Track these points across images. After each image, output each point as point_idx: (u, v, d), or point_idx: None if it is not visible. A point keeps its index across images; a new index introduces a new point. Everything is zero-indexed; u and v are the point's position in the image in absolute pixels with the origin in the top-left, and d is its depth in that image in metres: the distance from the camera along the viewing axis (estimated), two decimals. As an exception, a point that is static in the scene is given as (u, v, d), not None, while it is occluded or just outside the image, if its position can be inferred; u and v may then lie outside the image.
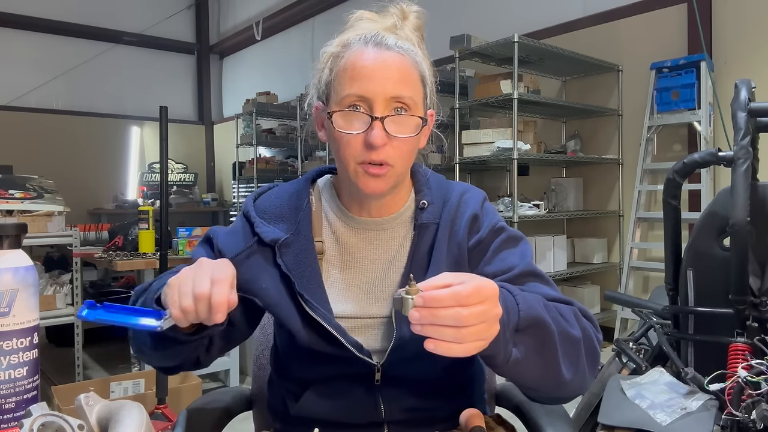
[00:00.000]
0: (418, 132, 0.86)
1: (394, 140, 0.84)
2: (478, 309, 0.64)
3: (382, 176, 0.85)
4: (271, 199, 0.96)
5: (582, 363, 0.80)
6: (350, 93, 0.84)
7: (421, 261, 0.91)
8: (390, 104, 0.84)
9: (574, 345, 0.78)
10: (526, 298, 0.74)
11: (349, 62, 0.85)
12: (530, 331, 0.73)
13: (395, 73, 0.84)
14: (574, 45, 4.00)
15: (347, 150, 0.85)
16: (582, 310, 0.85)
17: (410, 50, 0.87)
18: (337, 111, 0.85)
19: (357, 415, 0.89)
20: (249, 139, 6.32)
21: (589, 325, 0.83)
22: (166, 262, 2.54)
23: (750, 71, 3.41)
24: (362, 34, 0.86)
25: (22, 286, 0.68)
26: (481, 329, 0.65)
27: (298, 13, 6.93)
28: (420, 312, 0.64)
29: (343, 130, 0.85)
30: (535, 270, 0.89)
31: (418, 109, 0.86)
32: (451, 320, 0.64)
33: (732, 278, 1.49)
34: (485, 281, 0.67)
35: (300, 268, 0.89)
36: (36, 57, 7.14)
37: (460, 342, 0.65)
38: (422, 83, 0.88)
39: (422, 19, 0.92)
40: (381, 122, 0.83)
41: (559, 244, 3.92)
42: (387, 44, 0.85)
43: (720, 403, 1.42)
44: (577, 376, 0.79)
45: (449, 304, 0.64)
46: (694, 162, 1.66)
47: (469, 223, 0.92)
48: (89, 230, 4.16)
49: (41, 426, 0.55)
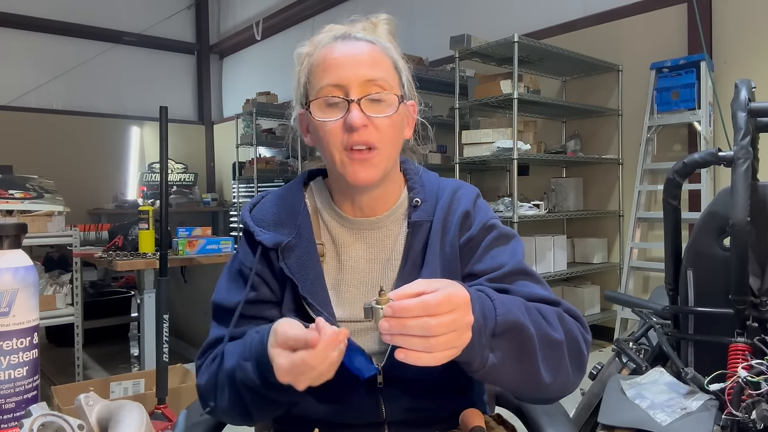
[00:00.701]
0: (396, 110, 0.87)
1: (375, 121, 0.85)
2: (447, 318, 0.65)
3: (369, 161, 0.85)
4: (266, 207, 0.96)
5: (564, 366, 0.79)
6: (324, 84, 0.85)
7: (416, 259, 0.90)
8: (365, 87, 0.85)
9: (556, 348, 0.78)
10: (504, 302, 0.74)
11: (320, 57, 0.87)
12: (507, 336, 0.73)
13: (366, 58, 0.86)
14: (574, 45, 4.00)
15: (330, 139, 0.86)
16: (569, 310, 0.85)
17: (379, 41, 0.89)
18: (313, 100, 0.87)
19: (357, 415, 0.89)
20: (249, 139, 6.32)
21: (575, 325, 0.83)
22: (166, 262, 2.54)
23: (750, 71, 3.41)
24: (330, 33, 0.89)
25: (22, 286, 0.68)
26: (450, 338, 0.66)
27: (298, 13, 6.93)
28: (389, 322, 0.65)
29: (322, 118, 0.86)
30: (525, 268, 0.89)
31: (395, 90, 0.88)
32: (420, 330, 0.64)
33: (732, 278, 1.49)
34: (457, 289, 0.68)
35: (303, 271, 0.89)
36: (36, 57, 7.14)
37: (429, 351, 0.65)
38: (396, 70, 0.90)
39: (392, 24, 0.94)
40: (357, 104, 0.84)
41: (559, 244, 3.92)
42: (356, 37, 0.88)
43: (720, 403, 1.42)
44: (558, 380, 0.79)
45: (418, 313, 0.64)
46: (694, 162, 1.66)
47: (460, 220, 0.91)
48: (89, 230, 4.16)
49: (41, 426, 0.55)
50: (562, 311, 0.83)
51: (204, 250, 3.11)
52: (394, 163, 0.92)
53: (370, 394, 0.88)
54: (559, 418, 0.98)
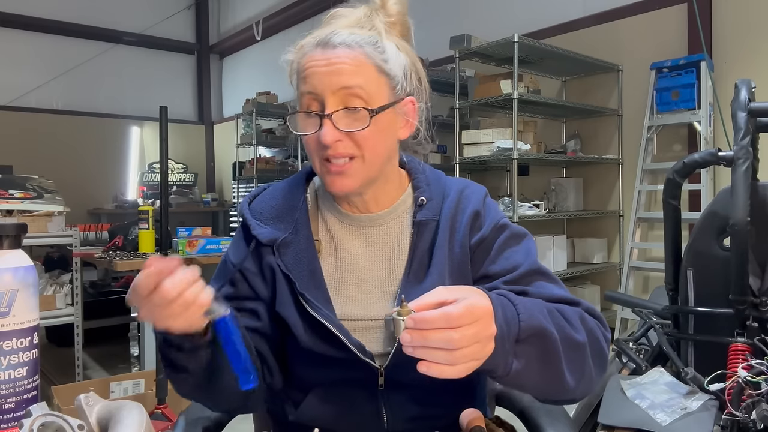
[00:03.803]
0: (367, 124, 0.83)
1: (350, 134, 0.83)
2: (470, 331, 0.64)
3: (346, 172, 0.85)
4: (266, 200, 0.95)
5: (588, 368, 0.78)
6: (303, 91, 0.85)
7: (423, 259, 0.89)
8: (340, 96, 0.83)
9: (579, 350, 0.77)
10: (527, 306, 0.73)
11: (301, 65, 0.86)
12: (532, 341, 0.72)
13: (341, 67, 0.83)
14: (574, 45, 4.00)
15: (309, 148, 0.87)
16: (589, 309, 0.84)
17: (362, 43, 0.84)
18: (292, 114, 0.88)
19: (358, 422, 0.88)
20: (249, 139, 6.32)
21: (596, 325, 0.82)
22: (166, 262, 2.53)
23: (750, 71, 3.41)
24: (315, 36, 0.87)
25: (22, 286, 0.68)
26: (474, 350, 0.65)
27: (298, 13, 6.93)
28: (411, 334, 0.64)
29: (299, 132, 0.86)
30: (541, 268, 0.88)
31: (376, 100, 0.84)
32: (443, 343, 0.63)
33: (732, 278, 1.49)
34: (478, 299, 0.66)
35: (300, 268, 0.88)
36: (36, 57, 7.14)
37: (452, 364, 0.64)
38: (380, 73, 0.85)
39: (403, 3, 0.92)
40: (329, 119, 0.83)
41: (559, 244, 3.92)
42: (333, 43, 0.84)
43: (720, 403, 1.42)
44: (582, 382, 0.78)
45: (440, 325, 0.63)
46: (694, 162, 1.66)
47: (470, 220, 0.90)
48: (89, 230, 4.16)
49: (41, 426, 0.55)
50: (583, 311, 0.82)
51: (204, 250, 3.11)
52: (385, 164, 0.89)
53: (371, 399, 0.87)
54: (559, 419, 0.98)
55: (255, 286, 0.90)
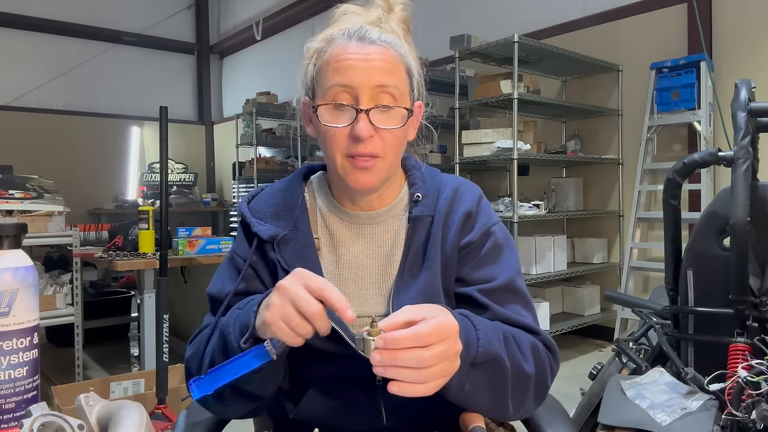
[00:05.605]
0: (404, 123, 0.85)
1: (381, 132, 0.84)
2: (438, 349, 0.65)
3: (371, 169, 0.85)
4: (265, 199, 0.96)
5: (528, 398, 0.82)
6: (334, 83, 0.83)
7: (417, 255, 0.90)
8: (375, 94, 0.83)
9: (525, 381, 0.80)
10: (487, 332, 0.75)
11: (332, 56, 0.84)
12: (485, 367, 0.74)
13: (379, 64, 0.83)
14: (574, 45, 4.00)
15: (333, 143, 0.85)
16: (545, 341, 0.86)
17: (394, 43, 0.86)
18: (322, 105, 0.85)
19: (357, 418, 0.88)
20: (249, 139, 6.32)
21: (547, 359, 0.85)
22: (166, 262, 2.54)
23: (750, 71, 3.41)
24: (346, 28, 0.86)
25: (22, 286, 0.68)
26: (442, 368, 0.66)
27: (298, 13, 6.93)
28: (381, 354, 0.65)
29: (328, 123, 0.84)
30: (515, 285, 0.89)
31: (405, 100, 0.86)
32: (413, 362, 0.64)
33: (732, 278, 1.49)
34: (446, 317, 0.68)
35: (299, 264, 0.88)
36: (36, 57, 7.15)
37: (422, 382, 0.65)
38: (408, 75, 0.88)
39: (408, 10, 0.92)
40: (366, 114, 0.82)
41: (559, 244, 3.92)
42: (371, 38, 0.84)
43: (720, 403, 1.42)
44: (522, 410, 0.82)
45: (410, 345, 0.64)
46: (694, 162, 1.66)
47: (462, 219, 0.91)
48: (89, 230, 4.16)
49: (41, 426, 0.55)
50: (538, 342, 0.85)
51: (204, 250, 3.11)
52: (399, 163, 0.92)
53: (370, 396, 0.87)
54: (559, 419, 0.98)
55: (265, 281, 0.92)
